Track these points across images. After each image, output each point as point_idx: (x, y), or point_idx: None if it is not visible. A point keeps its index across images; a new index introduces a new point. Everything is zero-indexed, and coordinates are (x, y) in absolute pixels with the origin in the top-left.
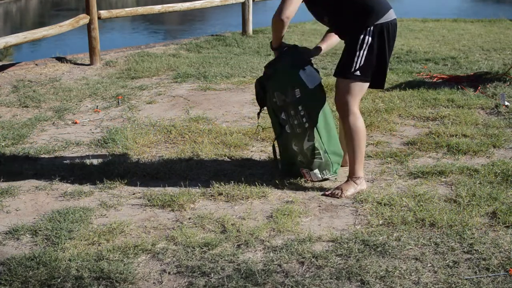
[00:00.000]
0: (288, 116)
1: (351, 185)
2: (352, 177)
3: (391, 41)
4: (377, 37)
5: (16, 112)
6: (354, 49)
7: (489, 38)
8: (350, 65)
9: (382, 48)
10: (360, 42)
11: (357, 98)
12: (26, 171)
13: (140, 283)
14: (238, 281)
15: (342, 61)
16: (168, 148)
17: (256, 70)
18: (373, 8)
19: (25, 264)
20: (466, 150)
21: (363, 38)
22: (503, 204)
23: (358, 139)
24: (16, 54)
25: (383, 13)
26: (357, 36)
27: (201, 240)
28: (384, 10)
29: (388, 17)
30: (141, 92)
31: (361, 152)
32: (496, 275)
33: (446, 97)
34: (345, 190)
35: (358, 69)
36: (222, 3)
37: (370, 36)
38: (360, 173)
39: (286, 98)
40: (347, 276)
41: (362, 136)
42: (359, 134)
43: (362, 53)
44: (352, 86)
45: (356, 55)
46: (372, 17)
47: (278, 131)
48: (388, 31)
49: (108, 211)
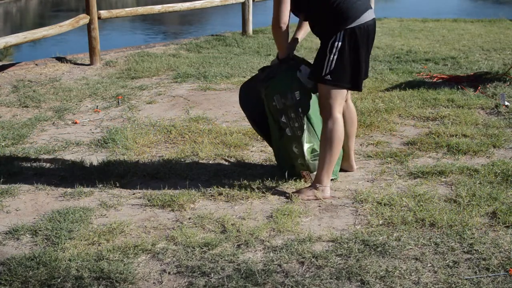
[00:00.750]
0: (288, 119)
1: (311, 192)
2: (315, 184)
3: (368, 43)
4: (348, 40)
5: (16, 112)
6: (324, 53)
7: (489, 38)
8: (320, 69)
9: (355, 51)
10: (330, 47)
11: (336, 102)
12: (26, 171)
13: (140, 283)
14: (238, 281)
15: (314, 64)
16: (168, 148)
17: (256, 70)
18: (345, 13)
19: (25, 264)
20: (466, 150)
21: (332, 42)
22: (503, 204)
23: (331, 145)
24: (16, 54)
25: (356, 17)
26: (328, 40)
27: (201, 240)
28: (357, 13)
29: (362, 20)
30: (141, 92)
31: (333, 159)
32: (496, 275)
33: (446, 97)
34: (303, 196)
35: (329, 73)
36: (222, 3)
37: (340, 41)
38: (326, 181)
39: (286, 101)
40: (347, 276)
41: (337, 143)
42: (334, 140)
43: (332, 57)
44: (327, 90)
45: (326, 59)
46: (343, 21)
47: (277, 135)
48: (361, 33)
49: (108, 211)
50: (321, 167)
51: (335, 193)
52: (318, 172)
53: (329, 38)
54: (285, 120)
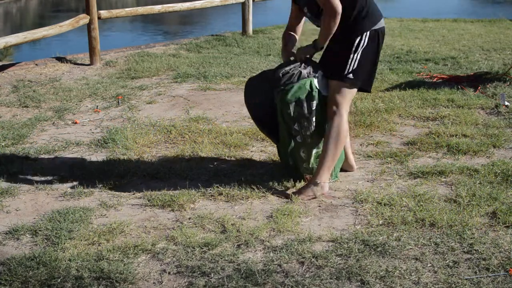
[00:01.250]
0: (300, 127)
1: (311, 189)
2: (315, 178)
3: (381, 47)
4: (371, 42)
5: (16, 112)
6: (348, 52)
7: (489, 38)
8: (343, 68)
9: (375, 53)
10: (356, 46)
11: (347, 100)
12: (26, 171)
13: (140, 283)
14: (238, 281)
15: (335, 63)
16: (168, 148)
17: (256, 70)
18: (372, 15)
19: (25, 264)
20: (466, 150)
21: (358, 42)
22: (503, 204)
23: (336, 143)
24: (16, 54)
25: (378, 20)
26: (353, 40)
27: (201, 240)
28: (379, 17)
29: (380, 24)
30: (141, 92)
31: (335, 157)
32: (496, 275)
33: (446, 97)
34: (304, 195)
35: (351, 72)
36: (222, 3)
37: (365, 41)
38: (325, 177)
39: (301, 110)
40: (347, 276)
41: (342, 141)
42: (339, 137)
43: (356, 56)
44: (342, 87)
45: (350, 57)
46: (369, 22)
47: (287, 139)
48: (379, 37)
49: (108, 211)
50: (322, 163)
51: (335, 193)
52: (319, 167)
53: (354, 38)
54: (297, 128)
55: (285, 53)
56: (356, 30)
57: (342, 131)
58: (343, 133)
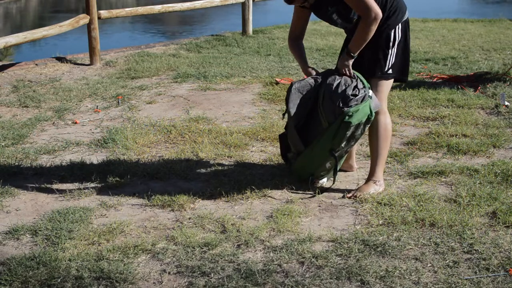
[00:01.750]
0: (346, 145)
1: (370, 187)
2: (371, 178)
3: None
4: (403, 34)
5: (16, 112)
6: (386, 48)
7: (489, 38)
8: (383, 64)
9: (407, 43)
10: (392, 40)
11: (386, 96)
12: (26, 171)
13: (140, 283)
14: (238, 281)
15: (374, 61)
16: (168, 148)
17: (256, 70)
18: (401, 7)
19: (25, 264)
20: (466, 150)
21: (394, 36)
22: (503, 204)
23: (386, 139)
24: (16, 54)
25: (405, 11)
26: (389, 36)
27: (201, 240)
28: (405, 8)
29: (407, 15)
30: (141, 92)
31: (386, 153)
32: (496, 275)
33: (446, 97)
34: (364, 193)
35: (390, 67)
36: (222, 3)
37: (398, 34)
38: (381, 175)
39: (356, 132)
40: (347, 276)
41: (389, 136)
42: (388, 133)
43: (393, 50)
44: (384, 84)
45: (389, 53)
46: (400, 15)
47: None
48: (407, 28)
49: (108, 211)
50: (377, 163)
51: (335, 193)
52: (375, 167)
53: (389, 33)
54: (343, 146)
55: (304, 65)
56: (390, 25)
57: (388, 127)
58: (389, 129)
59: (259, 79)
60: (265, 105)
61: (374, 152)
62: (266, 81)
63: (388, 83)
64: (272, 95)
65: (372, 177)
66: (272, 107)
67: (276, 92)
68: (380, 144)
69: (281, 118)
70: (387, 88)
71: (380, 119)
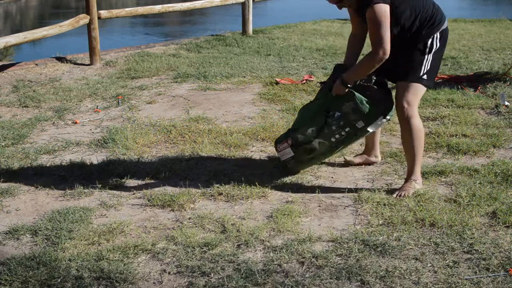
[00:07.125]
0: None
1: (412, 186)
2: (411, 178)
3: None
4: (440, 42)
5: (16, 112)
6: (422, 54)
7: (489, 38)
8: (419, 70)
9: (442, 52)
10: (429, 47)
11: (418, 100)
12: (26, 171)
13: (140, 283)
14: (238, 281)
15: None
16: (168, 148)
17: (256, 70)
18: (440, 16)
19: (25, 264)
20: (466, 150)
21: (431, 44)
22: (503, 204)
23: (420, 141)
24: (16, 54)
25: (444, 20)
26: (426, 43)
27: (201, 240)
28: (444, 17)
29: (446, 24)
30: (141, 92)
31: (421, 153)
32: (496, 275)
33: (446, 97)
34: (408, 191)
35: (426, 73)
36: (222, 3)
37: (436, 43)
38: (419, 174)
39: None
40: (347, 276)
41: (423, 138)
42: (421, 134)
43: (428, 57)
44: (417, 89)
45: (425, 59)
46: (438, 24)
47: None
48: (445, 37)
49: (108, 211)
50: (414, 163)
51: (335, 193)
52: (413, 167)
53: (425, 40)
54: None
55: (346, 58)
56: (428, 33)
57: (421, 129)
58: (421, 131)
59: (259, 79)
60: (265, 105)
61: (411, 153)
62: (266, 81)
63: (420, 88)
64: (272, 95)
65: (412, 176)
66: (272, 107)
67: (276, 92)
68: (416, 145)
69: None
70: (420, 92)
71: (414, 123)
